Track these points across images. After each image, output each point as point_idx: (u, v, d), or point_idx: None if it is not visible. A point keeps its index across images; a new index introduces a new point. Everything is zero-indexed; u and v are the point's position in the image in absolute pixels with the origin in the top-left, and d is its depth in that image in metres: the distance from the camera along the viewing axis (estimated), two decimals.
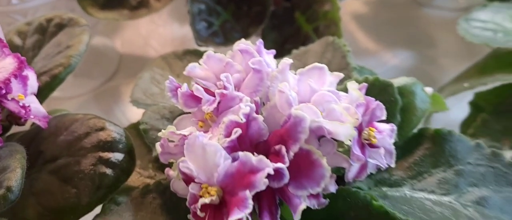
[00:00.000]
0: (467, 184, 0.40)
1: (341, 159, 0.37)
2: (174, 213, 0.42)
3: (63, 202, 0.42)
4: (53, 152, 0.46)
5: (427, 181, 0.41)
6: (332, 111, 0.35)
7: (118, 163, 0.43)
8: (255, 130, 0.36)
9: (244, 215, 0.31)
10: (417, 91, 0.44)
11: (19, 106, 0.45)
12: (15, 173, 0.38)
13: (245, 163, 0.32)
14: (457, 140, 0.43)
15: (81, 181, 0.42)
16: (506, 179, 0.41)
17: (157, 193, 0.43)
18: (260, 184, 0.31)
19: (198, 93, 0.39)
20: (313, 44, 0.53)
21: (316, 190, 0.34)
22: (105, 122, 0.46)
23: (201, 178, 0.33)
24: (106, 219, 0.41)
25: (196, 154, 0.33)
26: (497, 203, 0.39)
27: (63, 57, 0.52)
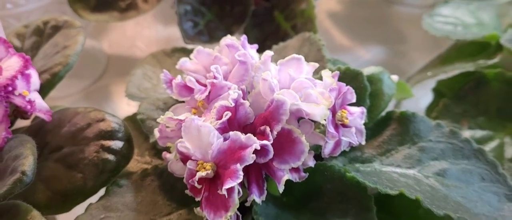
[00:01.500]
0: (429, 158, 0.46)
1: (318, 137, 0.42)
2: (171, 192, 0.46)
3: (70, 186, 0.46)
4: (57, 142, 0.50)
5: (394, 157, 0.47)
6: (309, 95, 0.41)
7: (119, 150, 0.48)
8: (242, 114, 0.41)
9: (236, 184, 0.36)
10: (384, 78, 0.50)
11: (25, 101, 0.49)
12: (28, 159, 0.43)
13: (235, 141, 0.37)
14: (420, 121, 0.48)
15: (85, 167, 0.46)
16: (462, 153, 0.46)
17: (154, 176, 0.48)
18: (249, 158, 0.36)
19: (190, 84, 0.44)
20: (291, 40, 0.58)
21: (297, 163, 0.39)
22: (104, 114, 0.50)
23: (197, 156, 0.38)
24: (110, 200, 0.46)
25: (192, 135, 0.38)
26: (454, 174, 0.45)
27: (61, 56, 0.56)
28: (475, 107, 0.55)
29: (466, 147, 0.47)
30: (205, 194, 0.38)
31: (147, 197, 0.46)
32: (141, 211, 0.45)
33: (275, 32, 0.68)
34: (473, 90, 0.55)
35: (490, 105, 0.54)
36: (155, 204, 0.46)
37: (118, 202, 0.46)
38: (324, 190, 0.43)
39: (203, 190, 0.38)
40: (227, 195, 0.36)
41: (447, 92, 0.57)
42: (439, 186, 0.44)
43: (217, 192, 0.37)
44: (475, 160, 0.46)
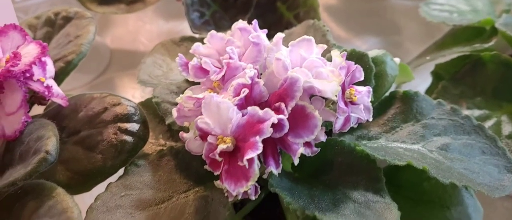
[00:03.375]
0: (432, 135, 0.49)
1: (329, 114, 0.44)
2: (187, 171, 0.48)
3: (90, 166, 0.48)
4: (75, 126, 0.52)
5: (399, 134, 0.49)
6: (320, 74, 0.43)
7: (136, 132, 0.50)
8: (257, 92, 0.43)
9: (256, 155, 0.38)
10: (387, 60, 0.52)
11: (43, 87, 0.51)
12: (51, 139, 0.44)
13: (254, 115, 0.39)
14: (422, 100, 0.51)
15: (104, 148, 0.48)
16: (463, 129, 0.49)
17: (171, 156, 0.50)
18: (267, 130, 0.38)
19: (206, 65, 0.46)
20: (296, 27, 0.60)
21: (311, 137, 0.41)
22: (120, 98, 0.52)
23: (217, 131, 0.40)
24: (129, 179, 0.48)
25: (211, 111, 0.40)
26: (456, 148, 0.47)
27: (74, 45, 0.58)
28: (473, 88, 0.57)
29: (467, 123, 0.49)
30: (225, 167, 0.40)
31: (164, 176, 0.48)
32: (160, 189, 0.47)
33: (277, 22, 0.71)
34: (470, 72, 0.58)
35: (487, 86, 0.57)
36: (173, 182, 0.48)
37: (137, 181, 0.48)
38: (334, 164, 0.45)
39: (223, 163, 0.40)
40: (247, 165, 0.38)
41: (445, 74, 0.60)
42: (442, 160, 0.46)
43: (237, 164, 0.39)
44: (476, 135, 0.48)
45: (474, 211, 0.47)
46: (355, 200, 0.42)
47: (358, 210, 0.40)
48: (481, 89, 0.57)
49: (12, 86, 0.50)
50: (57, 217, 0.40)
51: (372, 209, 0.40)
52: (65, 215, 0.40)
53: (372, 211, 0.40)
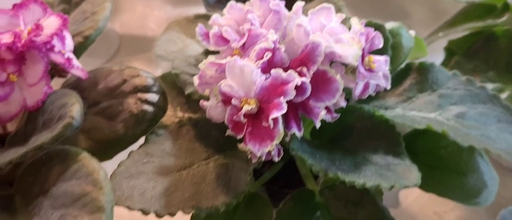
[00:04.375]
0: (448, 104, 0.49)
1: (349, 80, 0.45)
2: (207, 140, 0.49)
3: (111, 135, 0.49)
4: (95, 98, 0.52)
5: (415, 103, 0.50)
6: (340, 40, 0.44)
7: (155, 102, 0.50)
8: (278, 58, 0.43)
9: (280, 114, 0.38)
10: (403, 32, 0.53)
11: (64, 58, 0.51)
12: (75, 105, 0.45)
13: (277, 78, 0.40)
14: (438, 71, 0.52)
15: (125, 117, 0.49)
16: (479, 98, 0.50)
17: (190, 126, 0.50)
18: (291, 92, 0.39)
19: (226, 34, 0.47)
20: (310, 3, 0.61)
21: (332, 101, 0.42)
22: (139, 70, 0.53)
23: (240, 94, 0.41)
24: (150, 147, 0.48)
25: (235, 74, 0.41)
26: (472, 116, 0.48)
27: (91, 21, 0.59)
28: (485, 62, 0.58)
29: (482, 93, 0.50)
30: (249, 129, 0.40)
31: (185, 144, 0.49)
32: (180, 156, 0.48)
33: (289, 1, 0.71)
34: (483, 47, 0.59)
35: (499, 60, 0.58)
36: (193, 150, 0.48)
37: (157, 148, 0.48)
38: (354, 129, 0.46)
39: (247, 125, 0.41)
40: (272, 125, 0.38)
41: (458, 50, 0.60)
42: (459, 127, 0.47)
43: (261, 126, 0.40)
44: (491, 104, 0.49)
45: (490, 179, 0.48)
46: (376, 163, 0.42)
47: (379, 172, 0.41)
48: (493, 63, 0.58)
49: (34, 58, 0.50)
50: (83, 179, 0.41)
51: (393, 171, 0.41)
52: (92, 177, 0.41)
53: (393, 172, 0.41)
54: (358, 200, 0.44)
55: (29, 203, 0.43)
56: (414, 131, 0.50)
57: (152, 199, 0.43)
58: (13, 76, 0.49)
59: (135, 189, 0.44)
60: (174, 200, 0.43)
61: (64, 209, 0.40)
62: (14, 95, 0.50)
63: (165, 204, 0.43)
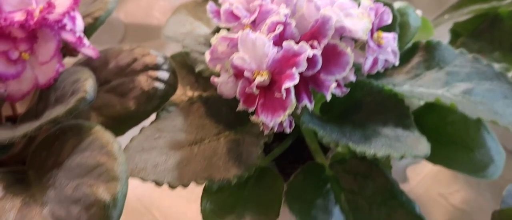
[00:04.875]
0: (456, 81, 0.50)
1: (358, 55, 0.46)
2: (217, 116, 0.50)
3: (123, 111, 0.49)
4: (106, 77, 0.53)
5: (423, 80, 0.51)
6: (350, 14, 0.44)
7: (166, 80, 0.51)
8: (289, 33, 0.44)
9: (293, 84, 0.39)
10: (410, 12, 0.54)
11: (75, 37, 0.52)
12: (88, 80, 0.45)
13: (289, 50, 0.41)
14: (445, 49, 0.52)
15: (136, 94, 0.50)
16: (485, 75, 0.50)
17: (200, 103, 0.51)
18: (303, 63, 0.40)
19: (237, 10, 0.47)
20: None
21: (342, 74, 0.42)
22: (148, 50, 0.54)
23: (253, 67, 0.41)
24: (161, 123, 0.49)
25: (247, 47, 0.42)
26: (479, 93, 0.49)
27: (100, 3, 0.59)
28: (491, 43, 0.59)
29: (489, 70, 0.51)
30: (261, 101, 0.41)
31: (195, 121, 0.50)
32: (191, 132, 0.48)
33: None
34: (488, 28, 0.59)
35: (504, 41, 0.59)
36: (203, 126, 0.49)
37: (169, 124, 0.49)
38: (363, 104, 0.46)
39: (259, 97, 0.41)
40: (285, 95, 0.39)
41: (463, 32, 0.61)
42: (467, 102, 0.47)
43: (273, 97, 0.40)
44: (497, 81, 0.50)
45: (496, 154, 0.48)
46: (386, 135, 0.43)
47: (389, 143, 0.42)
48: (499, 44, 0.59)
49: (46, 36, 0.51)
50: (98, 151, 0.41)
51: (403, 142, 0.42)
52: (106, 149, 0.41)
53: (403, 143, 0.42)
54: (368, 173, 0.45)
55: (43, 176, 0.44)
56: (421, 108, 0.51)
57: (165, 171, 0.44)
58: (25, 54, 0.50)
59: (148, 162, 0.44)
60: (186, 172, 0.43)
61: (79, 179, 0.40)
62: (26, 73, 0.51)
63: (178, 176, 0.43)
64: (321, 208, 0.43)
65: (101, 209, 0.37)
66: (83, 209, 0.38)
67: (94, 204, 0.38)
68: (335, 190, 0.45)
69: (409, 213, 0.43)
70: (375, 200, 0.44)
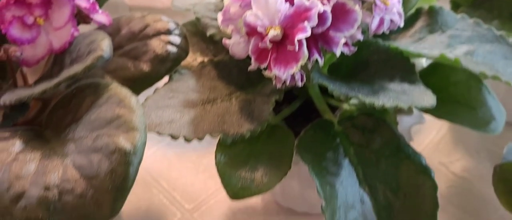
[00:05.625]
0: (458, 43, 0.52)
1: (365, 15, 0.47)
2: (228, 78, 0.51)
3: (137, 73, 0.51)
4: (119, 42, 0.54)
5: (426, 43, 0.52)
6: None
7: (178, 44, 0.52)
8: None
9: (305, 36, 0.41)
10: None
11: (89, 3, 0.53)
12: (105, 40, 0.47)
13: (301, 5, 0.42)
14: (447, 14, 0.54)
15: (150, 57, 0.51)
16: (486, 38, 0.52)
17: (211, 67, 0.52)
18: (314, 17, 0.41)
19: None
20: None
21: (351, 32, 0.44)
22: (160, 16, 0.55)
23: (265, 23, 0.43)
24: (174, 84, 0.50)
25: (260, 4, 0.43)
26: (480, 54, 0.51)
27: None
28: (490, 12, 0.61)
29: (489, 34, 0.52)
30: (274, 56, 0.43)
31: (207, 82, 0.51)
32: (204, 93, 0.50)
33: None
34: None
35: (503, 10, 0.61)
36: (215, 88, 0.51)
37: (182, 86, 0.50)
38: (370, 62, 0.48)
39: (271, 52, 0.43)
40: (297, 47, 0.41)
41: (463, 2, 0.63)
42: (469, 61, 0.49)
43: (286, 50, 0.42)
44: (497, 43, 0.52)
45: (497, 112, 0.50)
46: (392, 90, 0.45)
47: (396, 96, 0.43)
48: (498, 12, 0.61)
49: (60, 1, 0.52)
50: (116, 105, 0.43)
51: (409, 95, 0.44)
52: (124, 103, 0.43)
53: (409, 96, 0.43)
54: (375, 128, 0.47)
55: (61, 132, 0.45)
56: (425, 70, 0.53)
57: (180, 126, 0.45)
58: (40, 20, 0.51)
59: (164, 118, 0.46)
60: (201, 127, 0.45)
61: (99, 130, 0.42)
62: (40, 39, 0.52)
63: (193, 130, 0.45)
64: (331, 160, 0.45)
65: (122, 156, 0.39)
66: (104, 156, 0.39)
67: (115, 152, 0.39)
68: (344, 145, 0.46)
69: (416, 164, 0.45)
70: (382, 153, 0.45)
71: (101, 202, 0.38)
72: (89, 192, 0.38)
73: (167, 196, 0.69)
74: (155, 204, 0.68)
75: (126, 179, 0.38)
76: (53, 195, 0.38)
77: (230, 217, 0.66)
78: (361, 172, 0.45)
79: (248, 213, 0.66)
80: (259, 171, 0.45)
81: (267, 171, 0.44)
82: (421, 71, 0.52)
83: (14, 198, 0.39)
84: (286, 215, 0.65)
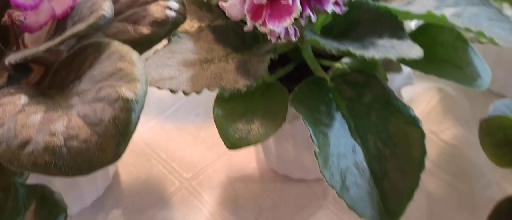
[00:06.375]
0: (445, 6, 0.54)
1: None
2: (225, 41, 0.53)
3: (137, 36, 0.53)
4: (119, 9, 0.56)
5: (415, 5, 0.54)
6: None
7: (176, 9, 0.54)
8: None
9: None
10: None
11: None
12: (105, 1, 0.49)
13: None
14: None
15: (149, 21, 0.53)
16: (472, 2, 0.54)
17: (209, 31, 0.54)
18: None
19: None
20: None
21: None
22: None
23: None
24: (173, 46, 0.52)
25: None
26: (466, 16, 0.53)
27: None
28: None
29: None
30: (268, 12, 0.45)
31: (205, 45, 0.53)
32: (201, 54, 0.52)
33: None
34: None
35: None
36: (212, 50, 0.53)
37: (180, 47, 0.52)
38: (360, 22, 0.50)
39: (266, 9, 0.45)
40: (291, 1, 0.43)
41: None
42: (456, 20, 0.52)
43: (280, 5, 0.44)
44: (483, 6, 0.54)
45: (483, 71, 0.53)
46: (382, 45, 0.47)
47: (385, 49, 0.46)
48: None
49: None
50: (117, 59, 0.45)
51: (398, 49, 0.46)
52: (125, 58, 0.45)
53: (398, 50, 0.46)
54: (366, 83, 0.49)
55: (65, 88, 0.47)
56: (413, 32, 0.55)
57: (179, 82, 0.47)
58: None
59: (163, 75, 0.48)
60: (199, 82, 0.47)
61: (101, 82, 0.43)
62: (43, 5, 0.54)
63: (191, 85, 0.47)
64: (324, 113, 0.47)
65: (124, 103, 0.41)
66: (107, 104, 0.41)
67: (117, 100, 0.41)
68: (336, 99, 0.48)
69: (405, 116, 0.47)
70: (373, 106, 0.48)
71: (105, 147, 0.40)
72: (94, 138, 0.40)
73: (166, 167, 0.70)
74: (154, 174, 0.70)
75: (128, 125, 0.40)
76: (59, 141, 0.40)
77: (227, 185, 0.68)
78: (352, 124, 0.47)
79: (245, 181, 0.68)
80: (255, 123, 0.47)
81: (262, 123, 0.46)
82: (410, 33, 0.54)
83: (21, 144, 0.40)
84: (282, 182, 0.67)
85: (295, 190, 0.66)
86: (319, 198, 0.65)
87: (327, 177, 0.43)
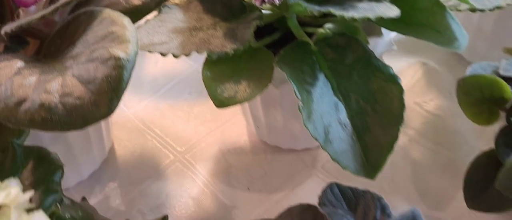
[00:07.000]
0: None
1: None
2: (213, 12, 0.55)
3: (129, 7, 0.55)
4: None
5: None
6: None
7: None
8: None
9: None
10: None
11: None
12: None
13: None
14: None
15: None
16: None
17: (197, 2, 0.57)
18: None
19: None
20: None
21: None
22: None
23: None
24: (163, 16, 0.55)
25: None
26: None
27: None
28: None
29: None
30: None
31: (194, 15, 0.55)
32: (190, 23, 0.54)
33: None
34: None
35: None
36: (201, 19, 0.55)
37: (170, 17, 0.55)
38: None
39: None
40: None
41: None
42: None
43: None
44: None
45: (460, 35, 0.55)
46: (361, 7, 0.49)
47: (364, 11, 0.48)
48: None
49: None
50: (109, 24, 0.47)
51: (376, 9, 0.48)
52: (116, 22, 0.47)
53: (377, 11, 0.48)
54: (348, 45, 0.51)
55: (59, 55, 0.49)
56: None
57: (169, 47, 0.50)
58: None
59: (154, 41, 0.50)
60: (188, 46, 0.49)
61: (94, 45, 0.46)
62: None
63: (181, 49, 0.49)
64: (307, 73, 0.49)
65: (116, 61, 0.43)
66: (100, 63, 0.43)
67: (110, 59, 0.43)
68: (319, 61, 0.51)
69: (385, 74, 0.49)
70: (354, 66, 0.50)
71: (98, 102, 0.42)
72: (87, 95, 0.42)
73: (160, 141, 0.73)
74: (148, 148, 0.72)
75: (120, 82, 0.42)
76: (54, 98, 0.42)
77: (220, 158, 0.70)
78: (335, 84, 0.49)
79: (236, 153, 0.70)
80: (242, 84, 0.49)
81: (249, 84, 0.49)
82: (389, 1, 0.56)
83: (18, 102, 0.42)
84: (272, 152, 0.69)
85: (285, 160, 0.68)
86: (309, 166, 0.67)
87: (310, 129, 0.45)
